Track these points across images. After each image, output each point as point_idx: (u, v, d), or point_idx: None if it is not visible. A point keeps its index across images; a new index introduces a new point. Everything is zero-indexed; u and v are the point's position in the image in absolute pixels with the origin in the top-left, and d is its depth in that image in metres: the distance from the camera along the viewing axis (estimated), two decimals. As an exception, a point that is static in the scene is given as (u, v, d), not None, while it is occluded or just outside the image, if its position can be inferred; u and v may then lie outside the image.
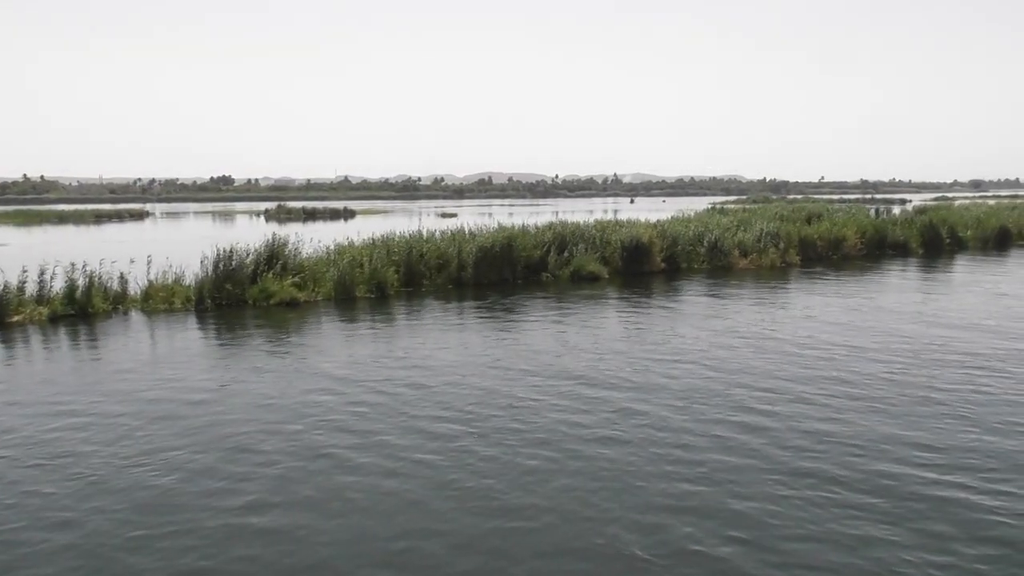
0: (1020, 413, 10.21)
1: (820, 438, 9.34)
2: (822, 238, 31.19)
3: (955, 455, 8.77)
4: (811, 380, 11.92)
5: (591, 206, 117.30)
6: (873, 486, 7.96)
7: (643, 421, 9.99)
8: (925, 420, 9.96)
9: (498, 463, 8.66)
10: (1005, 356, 13.35)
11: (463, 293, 21.93)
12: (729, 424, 9.84)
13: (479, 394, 11.28)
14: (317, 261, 21.69)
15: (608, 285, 23.56)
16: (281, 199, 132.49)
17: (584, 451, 8.97)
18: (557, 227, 26.80)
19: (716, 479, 8.18)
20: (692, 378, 12.11)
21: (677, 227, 28.85)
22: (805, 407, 10.57)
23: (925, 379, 11.87)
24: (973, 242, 36.16)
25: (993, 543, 6.81)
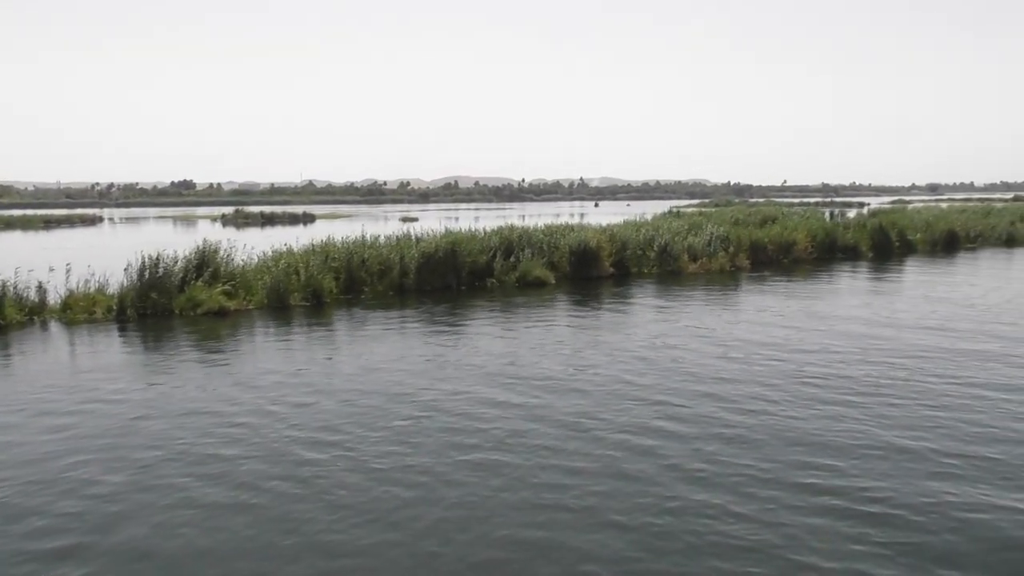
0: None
1: (708, 456, 8.99)
2: (772, 242, 31.18)
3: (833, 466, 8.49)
4: (701, 395, 11.61)
5: (557, 209, 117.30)
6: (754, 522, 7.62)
7: (534, 441, 9.47)
8: (832, 430, 9.69)
9: (358, 493, 7.98)
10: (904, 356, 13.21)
11: (404, 300, 21.39)
12: (622, 448, 9.31)
13: (367, 412, 10.61)
14: (252, 268, 21.01)
15: (554, 291, 23.18)
16: (244, 203, 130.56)
17: (460, 479, 8.36)
18: (504, 232, 26.38)
19: (600, 510, 7.77)
20: (594, 392, 11.70)
21: (627, 231, 28.62)
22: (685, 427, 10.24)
23: (842, 384, 11.65)
24: (922, 245, 36.50)
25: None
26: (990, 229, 41.30)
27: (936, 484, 8.08)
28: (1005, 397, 11.06)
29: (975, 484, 8.09)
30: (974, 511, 7.47)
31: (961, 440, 9.35)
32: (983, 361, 13.28)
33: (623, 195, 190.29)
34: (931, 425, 9.88)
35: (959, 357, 13.56)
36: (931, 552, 6.77)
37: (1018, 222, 44.17)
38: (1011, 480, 8.19)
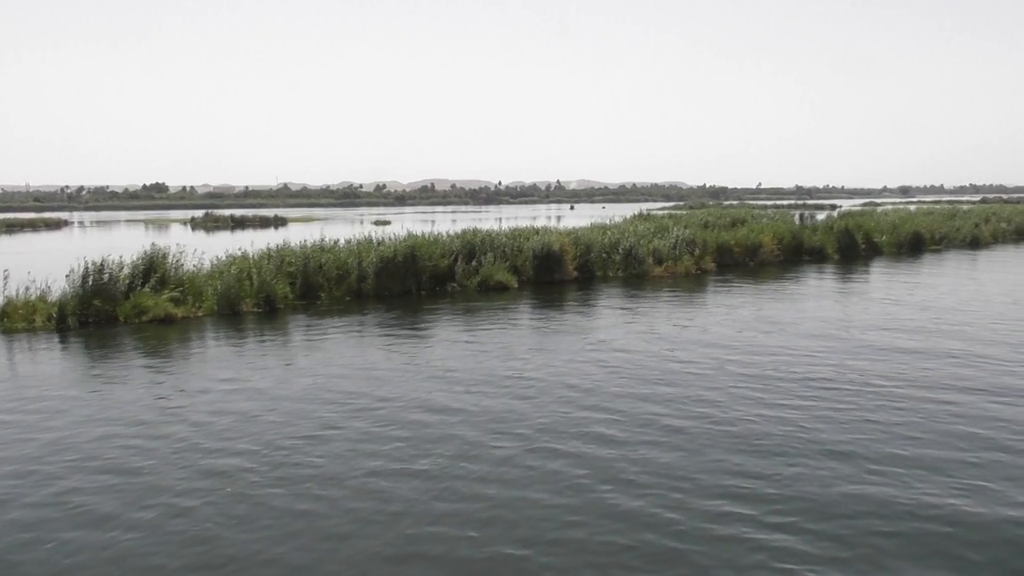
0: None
1: (637, 461, 8.70)
2: (739, 244, 31.11)
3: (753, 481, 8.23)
4: (625, 408, 11.34)
5: (534, 212, 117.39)
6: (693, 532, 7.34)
7: (446, 450, 9.15)
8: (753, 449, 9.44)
9: (252, 507, 7.65)
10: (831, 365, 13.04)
11: (361, 306, 20.94)
12: (543, 454, 9.04)
13: (275, 426, 10.13)
14: (203, 273, 20.46)
15: (515, 295, 22.85)
16: (217, 207, 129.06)
17: (360, 486, 8.05)
18: (467, 235, 26.00)
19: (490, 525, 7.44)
20: (534, 397, 11.38)
21: (591, 235, 28.37)
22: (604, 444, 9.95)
23: (785, 387, 11.42)
24: (888, 247, 36.66)
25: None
26: (955, 231, 41.66)
27: (865, 488, 7.83)
28: (948, 398, 10.88)
29: (907, 485, 7.85)
30: (905, 512, 7.22)
31: (895, 442, 9.13)
32: (926, 363, 13.16)
33: (599, 197, 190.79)
34: (869, 428, 9.66)
35: (904, 360, 13.42)
36: (862, 555, 6.55)
37: (982, 224, 44.69)
38: (947, 476, 7.96)
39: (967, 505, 7.59)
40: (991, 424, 9.93)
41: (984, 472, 8.39)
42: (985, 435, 9.51)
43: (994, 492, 7.88)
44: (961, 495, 7.81)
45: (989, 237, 43.16)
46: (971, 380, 12.10)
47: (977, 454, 8.90)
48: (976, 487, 8.00)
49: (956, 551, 6.77)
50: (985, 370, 12.74)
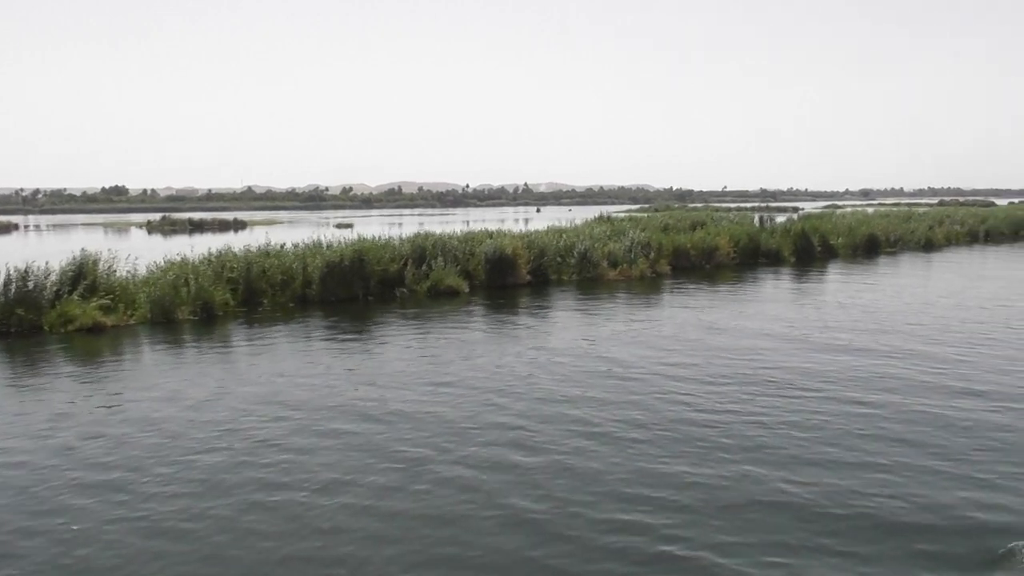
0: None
1: (539, 489, 8.33)
2: (695, 247, 31.00)
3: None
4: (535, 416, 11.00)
5: (501, 215, 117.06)
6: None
7: (321, 475, 8.72)
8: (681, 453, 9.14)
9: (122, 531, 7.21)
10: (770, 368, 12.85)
11: (304, 312, 20.34)
12: (442, 482, 8.59)
13: (155, 448, 9.57)
14: (138, 280, 19.70)
15: (465, 300, 22.41)
16: (179, 210, 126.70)
17: (230, 515, 7.57)
18: (418, 239, 25.51)
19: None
20: (452, 417, 10.97)
21: (545, 238, 28.04)
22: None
23: (703, 400, 11.15)
24: (844, 250, 36.90)
25: None
26: (910, 233, 42.11)
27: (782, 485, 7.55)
28: (871, 412, 10.69)
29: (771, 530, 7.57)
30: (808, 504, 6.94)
31: (797, 468, 8.87)
32: (856, 364, 13.04)
33: (567, 200, 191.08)
34: (785, 429, 9.40)
35: (833, 362, 13.29)
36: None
37: (936, 227, 45.27)
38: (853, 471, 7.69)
39: (868, 496, 7.37)
40: (898, 423, 9.83)
41: (877, 467, 8.19)
42: (894, 434, 9.35)
43: (896, 484, 7.69)
44: (870, 486, 7.60)
45: (942, 239, 43.72)
46: (892, 380, 12.00)
47: (884, 452, 8.72)
48: (881, 480, 7.79)
49: (850, 535, 6.82)
50: (907, 370, 12.63)
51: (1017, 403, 11.03)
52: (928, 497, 7.87)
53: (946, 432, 9.81)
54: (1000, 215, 54.36)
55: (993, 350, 14.60)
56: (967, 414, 10.50)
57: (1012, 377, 12.57)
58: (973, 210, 62.64)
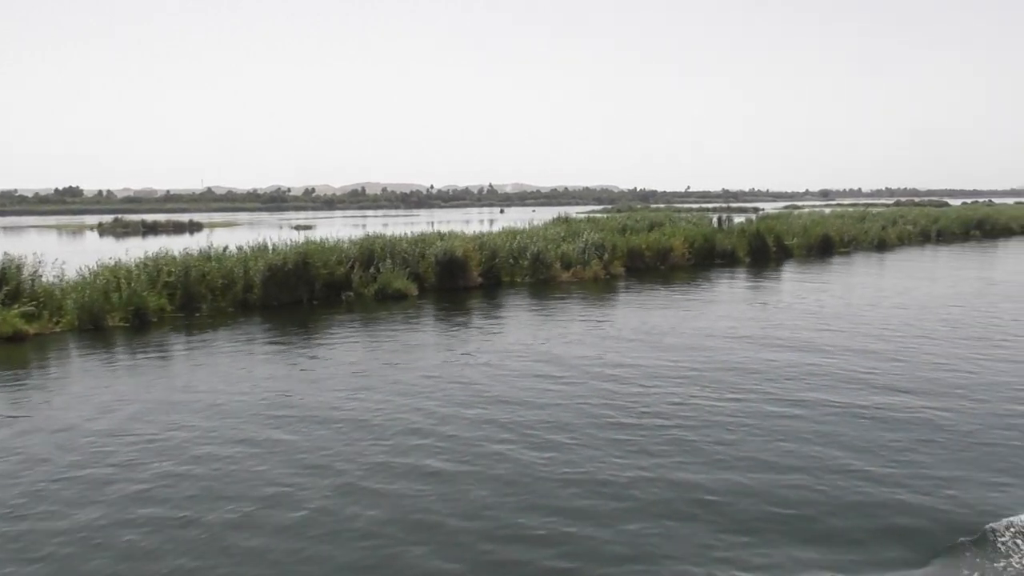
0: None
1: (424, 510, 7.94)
2: (650, 248, 30.86)
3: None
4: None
5: (466, 216, 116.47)
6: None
7: (220, 506, 8.24)
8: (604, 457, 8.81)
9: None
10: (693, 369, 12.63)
11: (244, 317, 19.66)
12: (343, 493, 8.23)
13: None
14: (67, 285, 18.84)
15: (413, 304, 21.90)
16: (136, 211, 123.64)
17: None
18: (366, 241, 24.93)
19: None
20: (375, 427, 10.53)
21: (498, 240, 27.62)
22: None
23: (625, 404, 10.85)
24: (798, 250, 37.09)
25: None
26: (863, 234, 42.58)
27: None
28: (795, 416, 10.48)
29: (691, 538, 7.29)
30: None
31: (705, 477, 8.61)
32: (795, 369, 12.85)
33: (531, 201, 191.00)
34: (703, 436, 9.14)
35: (765, 365, 13.09)
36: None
37: (889, 227, 45.85)
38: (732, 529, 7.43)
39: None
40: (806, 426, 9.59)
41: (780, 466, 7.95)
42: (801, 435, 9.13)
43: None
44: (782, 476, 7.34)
45: (895, 239, 44.29)
46: (827, 378, 11.85)
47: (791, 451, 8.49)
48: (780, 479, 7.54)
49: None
50: (844, 370, 12.50)
51: (948, 398, 10.92)
52: (841, 495, 7.65)
53: (870, 426, 9.72)
54: (952, 215, 55.33)
55: (932, 347, 14.55)
56: (889, 411, 10.38)
57: (946, 373, 12.52)
58: (926, 210, 63.68)
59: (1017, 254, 39.10)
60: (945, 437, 9.64)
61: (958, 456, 9.00)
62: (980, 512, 7.54)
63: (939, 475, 8.46)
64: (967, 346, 14.97)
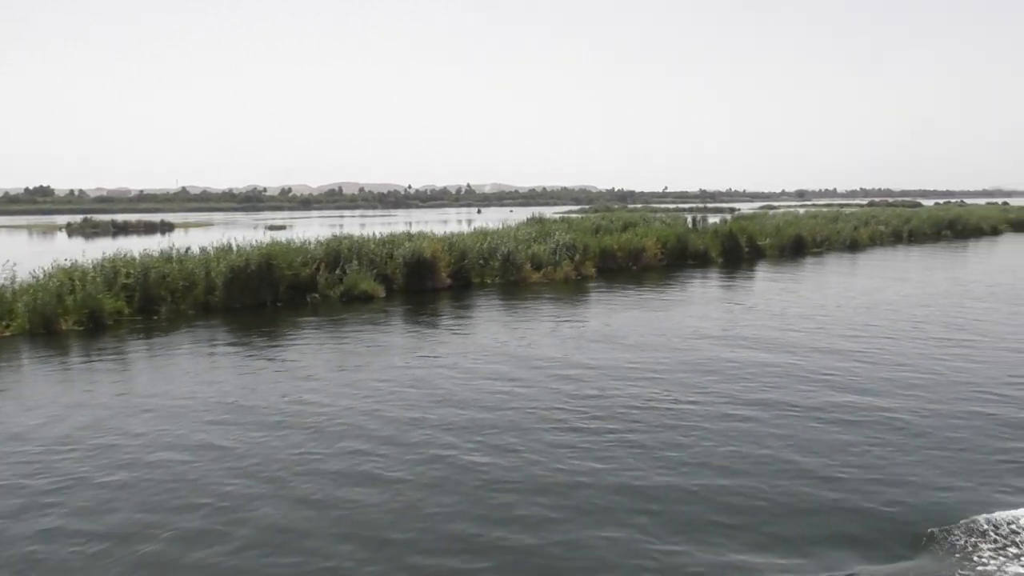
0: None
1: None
2: (622, 249, 30.71)
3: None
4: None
5: (444, 216, 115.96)
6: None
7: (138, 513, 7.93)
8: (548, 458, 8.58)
9: None
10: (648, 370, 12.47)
11: (204, 320, 19.22)
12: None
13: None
14: (20, 287, 18.27)
15: (381, 306, 21.57)
16: (108, 211, 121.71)
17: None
18: (332, 242, 24.53)
19: None
20: (315, 432, 10.24)
21: (467, 240, 27.33)
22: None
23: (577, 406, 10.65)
24: (770, 251, 37.16)
25: None
26: (836, 234, 42.78)
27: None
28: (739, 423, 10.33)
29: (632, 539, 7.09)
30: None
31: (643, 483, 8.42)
32: (738, 375, 12.72)
33: (509, 201, 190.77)
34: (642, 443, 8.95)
35: (715, 371, 12.95)
36: None
37: (861, 227, 46.12)
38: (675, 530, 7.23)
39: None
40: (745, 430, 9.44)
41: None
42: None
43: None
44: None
45: (867, 240, 44.54)
46: (787, 377, 11.72)
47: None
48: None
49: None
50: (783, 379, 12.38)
51: (906, 399, 10.82)
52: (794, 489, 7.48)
53: (823, 428, 9.60)
54: (923, 216, 55.84)
55: (894, 347, 14.49)
56: (846, 412, 10.27)
57: (907, 373, 12.45)
58: (898, 211, 64.30)
59: (986, 254, 39.51)
60: (900, 438, 9.57)
61: (912, 457, 8.93)
62: (932, 514, 7.45)
63: (893, 476, 8.37)
64: (930, 347, 14.96)
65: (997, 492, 7.97)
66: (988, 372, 12.89)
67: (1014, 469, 8.61)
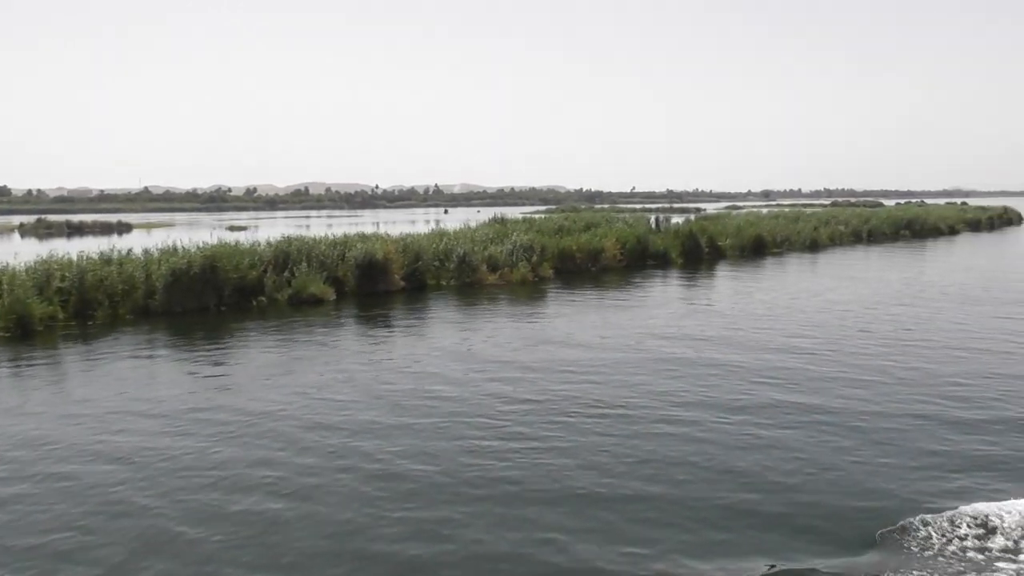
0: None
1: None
2: (581, 250, 30.41)
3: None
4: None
5: (411, 216, 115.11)
6: None
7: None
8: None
9: None
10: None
11: (143, 325, 18.51)
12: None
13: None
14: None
15: (331, 309, 21.01)
16: (68, 211, 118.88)
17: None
18: (282, 243, 23.88)
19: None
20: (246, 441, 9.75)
21: (422, 242, 26.85)
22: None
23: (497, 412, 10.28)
24: (731, 251, 37.17)
25: None
26: (796, 234, 43.00)
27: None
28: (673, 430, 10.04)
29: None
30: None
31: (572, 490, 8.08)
32: (677, 376, 12.45)
33: (477, 201, 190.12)
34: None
35: (650, 375, 12.67)
36: None
37: (821, 227, 46.45)
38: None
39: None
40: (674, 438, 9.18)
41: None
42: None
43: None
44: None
45: (827, 240, 44.86)
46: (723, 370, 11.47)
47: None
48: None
49: None
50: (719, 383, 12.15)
51: (846, 399, 10.62)
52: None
53: (736, 430, 9.29)
54: (882, 216, 56.53)
55: (841, 347, 14.34)
56: (784, 412, 10.03)
57: (854, 371, 12.29)
58: (858, 211, 65.09)
59: (943, 254, 39.98)
60: (842, 438, 9.36)
61: (853, 457, 8.71)
62: (875, 513, 7.38)
63: (836, 476, 8.16)
64: (877, 347, 14.84)
65: (939, 490, 7.91)
66: (936, 371, 12.79)
67: (957, 467, 8.55)
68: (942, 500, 7.66)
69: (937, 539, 6.85)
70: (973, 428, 9.87)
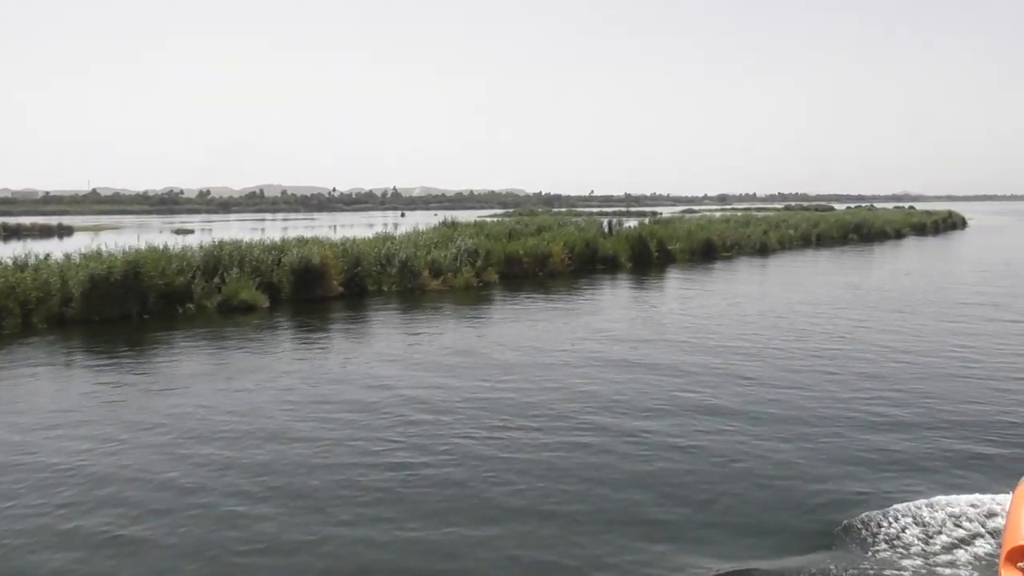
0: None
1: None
2: (528, 254, 29.95)
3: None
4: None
5: (369, 220, 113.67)
6: None
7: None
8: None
9: None
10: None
11: (57, 335, 17.50)
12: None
13: None
14: None
15: (261, 317, 20.18)
16: (10, 214, 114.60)
17: None
18: (212, 248, 22.94)
19: None
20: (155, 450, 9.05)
21: (362, 246, 26.12)
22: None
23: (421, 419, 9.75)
24: (681, 255, 37.08)
25: None
26: (746, 238, 43.19)
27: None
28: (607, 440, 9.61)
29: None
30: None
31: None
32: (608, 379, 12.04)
33: (436, 205, 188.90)
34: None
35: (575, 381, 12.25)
36: None
37: (771, 231, 46.79)
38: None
39: None
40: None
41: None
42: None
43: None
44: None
45: (776, 244, 45.16)
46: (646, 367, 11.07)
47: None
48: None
49: None
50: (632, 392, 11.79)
51: (773, 407, 10.31)
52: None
53: (643, 446, 8.86)
54: (831, 220, 57.29)
55: (774, 349, 14.09)
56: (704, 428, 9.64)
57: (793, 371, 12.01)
58: (808, 214, 65.93)
59: (890, 258, 40.55)
60: (778, 441, 8.94)
61: (791, 457, 8.32)
62: (813, 514, 7.45)
63: (772, 476, 7.78)
64: (816, 348, 14.62)
65: (870, 488, 8.00)
66: (872, 374, 12.70)
67: (891, 466, 8.63)
68: (877, 499, 7.66)
69: (871, 537, 6.88)
70: (905, 428, 9.93)
